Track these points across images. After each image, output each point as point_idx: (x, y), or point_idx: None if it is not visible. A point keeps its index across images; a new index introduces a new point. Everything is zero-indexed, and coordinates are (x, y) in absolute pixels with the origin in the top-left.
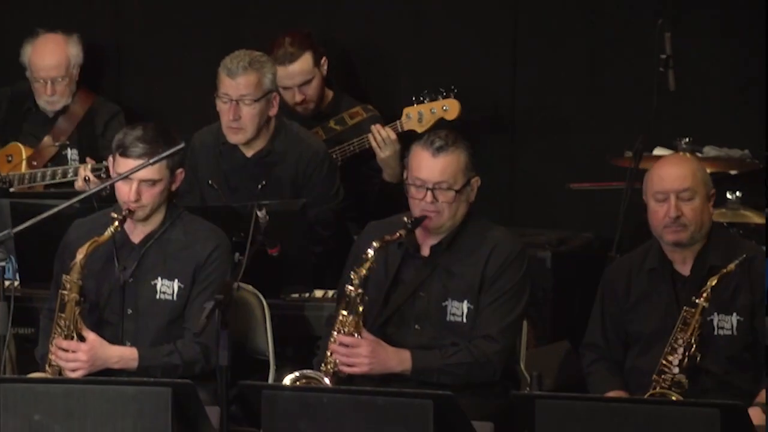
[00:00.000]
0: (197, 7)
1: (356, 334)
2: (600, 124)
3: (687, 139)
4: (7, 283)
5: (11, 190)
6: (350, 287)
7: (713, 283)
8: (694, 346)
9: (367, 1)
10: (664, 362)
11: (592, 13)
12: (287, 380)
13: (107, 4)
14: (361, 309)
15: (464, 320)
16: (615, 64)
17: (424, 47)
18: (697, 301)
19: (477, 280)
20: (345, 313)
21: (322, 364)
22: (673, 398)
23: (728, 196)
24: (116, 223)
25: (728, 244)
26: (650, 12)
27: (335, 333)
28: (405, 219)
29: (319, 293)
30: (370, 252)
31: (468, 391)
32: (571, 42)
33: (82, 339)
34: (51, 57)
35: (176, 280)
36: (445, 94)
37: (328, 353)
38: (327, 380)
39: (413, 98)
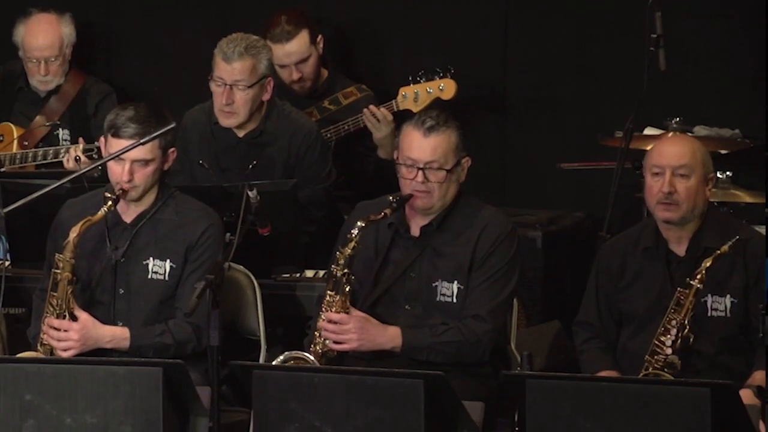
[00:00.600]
0: None
1: (344, 313)
2: (591, 104)
3: (677, 119)
4: None
5: (2, 170)
6: (335, 267)
7: (708, 265)
8: (688, 327)
9: None
10: (656, 343)
11: None
12: (278, 360)
13: None
14: (347, 288)
15: (454, 300)
16: (605, 44)
17: (417, 27)
18: (691, 282)
19: (467, 260)
20: (332, 293)
21: (312, 345)
22: (667, 377)
23: (719, 175)
24: (109, 203)
25: (724, 226)
26: None
27: (323, 312)
28: (390, 198)
29: (309, 273)
30: (354, 232)
31: (459, 370)
32: (562, 22)
33: (74, 318)
34: (44, 37)
35: (168, 260)
36: (441, 74)
37: (317, 333)
38: (316, 360)
39: (410, 78)
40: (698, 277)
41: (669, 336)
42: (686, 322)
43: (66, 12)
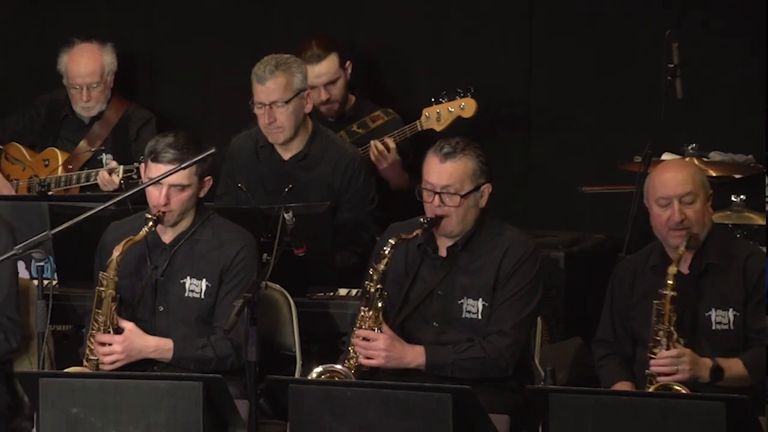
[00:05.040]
0: (226, 17)
1: (376, 329)
2: (611, 130)
3: (694, 145)
4: (45, 282)
5: (49, 193)
6: (369, 283)
7: (674, 272)
8: (676, 334)
9: (385, 9)
10: (650, 356)
11: (603, 23)
12: (313, 375)
13: (141, 15)
14: (379, 304)
15: (479, 317)
16: (625, 72)
17: (442, 50)
18: (664, 292)
19: (492, 279)
20: (365, 308)
21: (346, 360)
22: (682, 391)
23: (733, 198)
24: (150, 224)
25: (725, 243)
26: (659, 23)
27: (356, 328)
28: (421, 219)
29: (343, 291)
30: (387, 249)
31: (485, 385)
32: (584, 50)
33: (118, 332)
34: (86, 65)
35: (204, 280)
36: (462, 93)
37: (351, 349)
38: (350, 375)
39: (432, 99)
40: (669, 284)
41: (660, 347)
42: (672, 329)
43: (108, 42)
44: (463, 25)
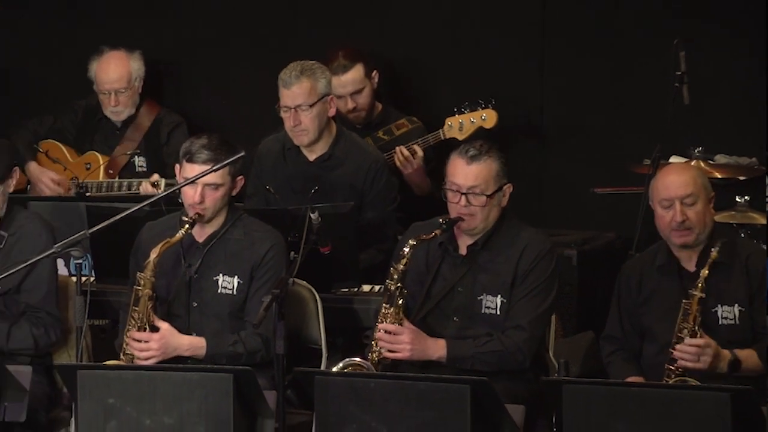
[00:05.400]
0: (253, 25)
1: (397, 324)
2: (621, 134)
3: (700, 148)
4: (83, 278)
5: (87, 194)
6: (390, 282)
7: (705, 274)
8: (699, 333)
9: (409, 23)
10: (672, 351)
11: (613, 34)
12: (337, 367)
13: (170, 23)
14: (400, 301)
15: (498, 312)
16: (635, 79)
17: (462, 63)
18: (693, 293)
19: (510, 276)
20: (387, 305)
21: (370, 353)
22: (692, 383)
23: (737, 199)
24: (186, 226)
25: (730, 243)
26: (667, 33)
27: (379, 323)
28: (441, 220)
29: (366, 288)
30: (406, 249)
31: (502, 377)
32: (595, 60)
33: (154, 330)
34: (114, 71)
35: (236, 276)
36: (483, 105)
37: (374, 343)
38: (373, 367)
39: (455, 109)
40: (699, 286)
41: (683, 344)
42: (696, 328)
43: (135, 49)
44: (480, 36)
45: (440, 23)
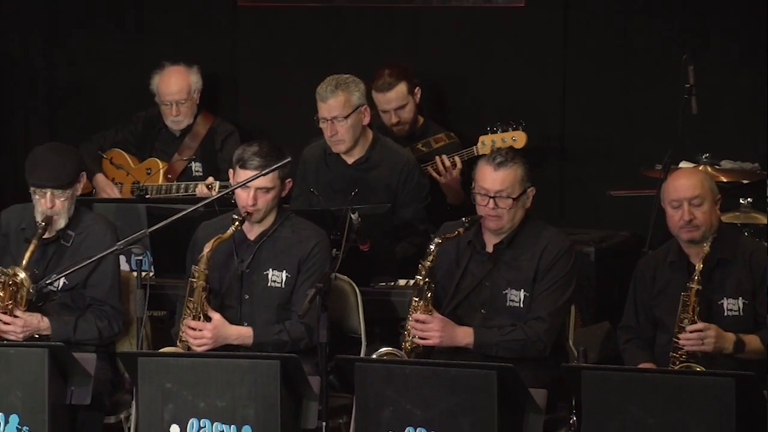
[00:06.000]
0: (301, 43)
1: (427, 314)
2: (635, 141)
3: (707, 154)
4: (143, 273)
5: (147, 197)
6: (419, 277)
7: (700, 268)
8: (698, 321)
9: (449, 48)
10: (675, 340)
11: (628, 50)
12: (376, 354)
13: (226, 40)
14: (429, 295)
15: (521, 305)
16: (647, 92)
17: (494, 83)
18: (691, 285)
19: (532, 272)
20: (416, 298)
21: (403, 342)
22: (697, 369)
23: (741, 201)
24: (237, 224)
25: (734, 239)
26: (677, 48)
27: (410, 314)
28: (463, 219)
29: (402, 282)
30: (432, 247)
31: (527, 364)
32: (612, 73)
33: (207, 319)
34: (175, 84)
35: (284, 271)
36: (514, 126)
37: (406, 333)
38: (405, 355)
39: (488, 128)
40: (696, 279)
41: (685, 333)
42: (696, 318)
43: (194, 64)
44: (509, 59)
45: (473, 51)
